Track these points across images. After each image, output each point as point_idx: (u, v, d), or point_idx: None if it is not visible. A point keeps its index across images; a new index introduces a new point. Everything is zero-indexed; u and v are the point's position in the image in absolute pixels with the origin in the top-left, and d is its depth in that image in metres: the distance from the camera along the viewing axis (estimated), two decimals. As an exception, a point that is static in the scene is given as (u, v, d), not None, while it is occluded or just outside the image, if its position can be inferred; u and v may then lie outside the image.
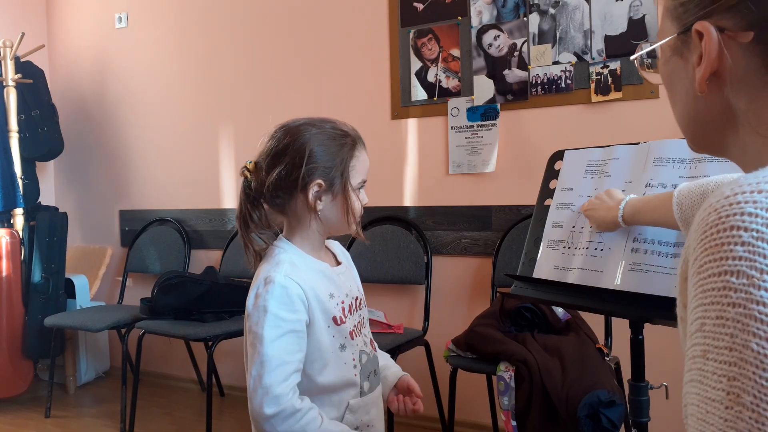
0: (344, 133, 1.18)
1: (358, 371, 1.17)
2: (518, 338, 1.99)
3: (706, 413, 0.49)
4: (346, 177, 1.15)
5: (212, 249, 3.29)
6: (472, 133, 2.61)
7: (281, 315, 1.08)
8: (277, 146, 1.16)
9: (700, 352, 0.50)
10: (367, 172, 1.20)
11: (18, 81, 3.33)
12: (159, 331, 2.66)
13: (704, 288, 0.50)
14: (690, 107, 0.66)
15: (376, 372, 1.24)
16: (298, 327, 1.10)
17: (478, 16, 2.59)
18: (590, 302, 1.32)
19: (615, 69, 2.33)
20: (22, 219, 3.30)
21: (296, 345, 1.09)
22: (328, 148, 1.14)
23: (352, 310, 1.20)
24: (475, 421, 2.61)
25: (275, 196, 1.15)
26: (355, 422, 1.16)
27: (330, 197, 1.15)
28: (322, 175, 1.13)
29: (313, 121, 1.19)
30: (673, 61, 0.66)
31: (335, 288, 1.18)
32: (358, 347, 1.19)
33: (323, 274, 1.18)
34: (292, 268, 1.12)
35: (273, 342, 1.07)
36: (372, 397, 1.21)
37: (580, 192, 1.44)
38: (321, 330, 1.13)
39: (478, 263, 2.63)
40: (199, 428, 2.71)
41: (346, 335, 1.16)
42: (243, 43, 3.18)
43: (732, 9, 0.58)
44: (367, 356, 1.21)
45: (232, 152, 3.24)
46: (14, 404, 3.17)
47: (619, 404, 1.72)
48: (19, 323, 3.18)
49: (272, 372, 1.06)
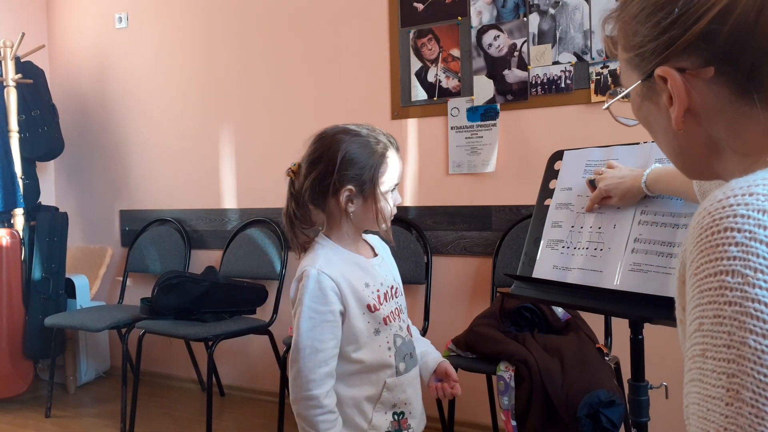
0: (376, 141, 1.27)
1: (393, 353, 1.28)
2: (518, 338, 1.99)
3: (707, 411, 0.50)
4: (375, 182, 1.25)
5: (212, 249, 3.29)
6: (472, 133, 2.61)
7: (314, 307, 1.21)
8: (313, 153, 1.28)
9: (700, 351, 0.52)
10: (399, 176, 1.31)
11: (18, 81, 3.33)
12: (159, 331, 2.66)
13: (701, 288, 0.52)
14: (673, 144, 0.68)
15: (412, 355, 1.34)
16: (331, 317, 1.22)
17: (478, 16, 2.59)
18: (590, 302, 1.32)
19: (615, 69, 2.33)
20: (23, 219, 3.30)
21: (329, 333, 1.22)
22: (359, 156, 1.25)
23: (388, 298, 1.31)
24: (475, 421, 2.61)
25: (313, 198, 1.28)
26: (393, 400, 1.28)
27: (361, 201, 1.26)
28: (352, 182, 1.24)
29: (348, 129, 1.29)
30: (645, 106, 0.69)
31: (370, 278, 1.29)
32: (393, 331, 1.29)
33: (359, 265, 1.29)
34: (326, 263, 1.24)
35: (307, 332, 1.20)
36: (408, 377, 1.31)
37: (580, 192, 1.44)
38: (356, 317, 1.24)
39: (478, 263, 2.63)
40: (200, 428, 2.71)
41: (380, 321, 1.27)
42: (243, 43, 3.18)
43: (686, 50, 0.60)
44: (402, 340, 1.31)
45: (232, 152, 3.24)
46: (14, 404, 3.17)
47: (619, 404, 1.72)
48: (20, 323, 3.18)
49: (306, 359, 1.20)
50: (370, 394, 1.26)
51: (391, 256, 1.44)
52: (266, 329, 2.81)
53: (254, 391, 3.21)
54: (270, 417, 2.86)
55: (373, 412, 1.26)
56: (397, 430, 1.29)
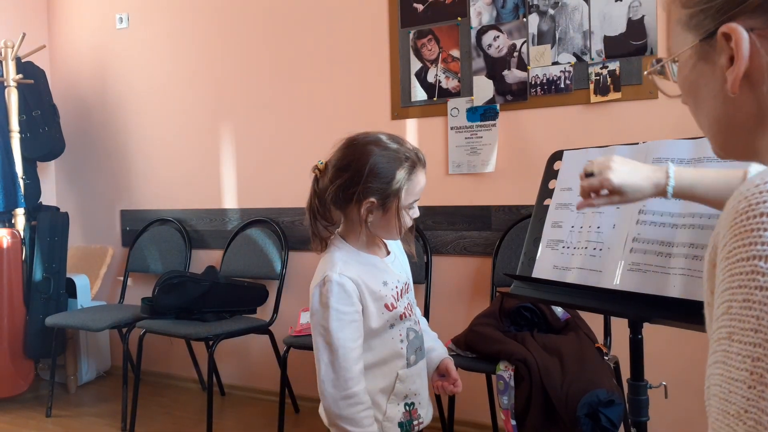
0: (406, 157, 1.31)
1: (405, 346, 1.34)
2: (518, 338, 2.00)
3: (729, 393, 0.50)
4: (399, 197, 1.29)
5: (213, 249, 3.29)
6: (472, 133, 2.61)
7: (342, 309, 1.26)
8: (342, 160, 1.30)
9: (726, 334, 0.52)
10: (421, 192, 1.35)
11: (19, 81, 3.34)
12: (160, 331, 2.67)
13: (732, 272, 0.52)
14: (719, 111, 0.65)
15: (421, 348, 1.39)
16: (357, 317, 1.28)
17: (477, 16, 2.59)
18: (589, 302, 1.32)
19: (614, 69, 2.34)
20: (24, 219, 3.31)
21: (357, 332, 1.27)
22: (386, 171, 1.28)
23: (402, 295, 1.36)
24: (475, 421, 2.62)
25: (336, 201, 1.31)
26: (405, 390, 1.33)
27: (381, 213, 1.30)
28: (376, 195, 1.27)
29: (379, 140, 1.31)
30: (699, 68, 0.66)
31: (388, 276, 1.35)
32: (406, 326, 1.35)
33: (375, 266, 1.35)
34: (345, 266, 1.29)
35: (339, 332, 1.25)
36: (417, 368, 1.37)
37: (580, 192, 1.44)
38: (373, 315, 1.29)
39: (478, 263, 2.64)
40: (200, 428, 2.72)
41: (397, 317, 1.33)
42: (244, 44, 3.19)
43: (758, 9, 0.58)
44: (414, 333, 1.37)
45: (233, 152, 3.24)
46: (15, 404, 3.18)
47: (619, 403, 1.72)
48: (21, 323, 3.18)
49: (342, 358, 1.24)
50: (383, 386, 1.31)
51: (402, 251, 1.48)
52: (266, 329, 2.81)
53: (255, 390, 3.22)
54: (270, 416, 2.86)
55: (387, 404, 1.31)
56: (409, 420, 1.34)
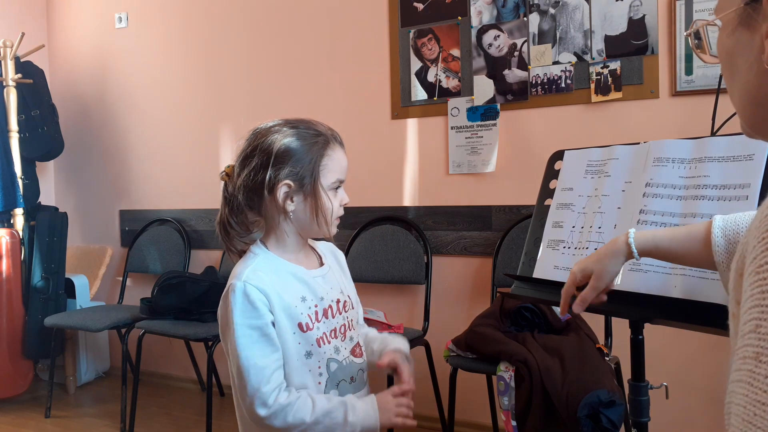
0: (316, 133, 1.16)
1: (324, 379, 1.15)
2: (518, 338, 1.99)
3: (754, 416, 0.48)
4: (316, 177, 1.13)
5: (212, 249, 3.29)
6: (472, 133, 2.61)
7: (247, 323, 1.09)
8: (246, 148, 1.16)
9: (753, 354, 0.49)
10: (343, 172, 1.18)
11: (18, 81, 3.33)
12: (159, 331, 2.66)
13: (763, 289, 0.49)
14: (752, 84, 0.61)
15: (353, 379, 1.20)
16: (267, 330, 1.10)
17: (478, 16, 2.59)
18: (590, 302, 1.32)
19: (615, 69, 2.33)
20: (22, 219, 3.30)
21: (269, 347, 1.10)
22: (297, 148, 1.13)
23: (330, 314, 1.18)
24: (475, 421, 2.61)
25: (248, 199, 1.15)
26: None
27: (301, 197, 1.14)
28: (290, 176, 1.12)
29: (285, 122, 1.18)
30: (738, 34, 0.63)
31: (308, 291, 1.16)
32: (326, 355, 1.16)
33: (295, 277, 1.16)
34: (254, 273, 1.12)
35: (246, 349, 1.08)
36: None
37: (580, 192, 1.44)
38: (287, 334, 1.12)
39: (478, 263, 2.63)
40: (199, 428, 2.71)
41: (313, 342, 1.14)
42: (243, 43, 3.18)
43: None
44: (337, 364, 1.17)
45: (232, 152, 3.24)
46: (14, 404, 3.17)
47: (619, 404, 1.71)
48: (19, 323, 3.18)
49: (252, 378, 1.08)
50: None
51: (344, 265, 1.32)
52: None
53: (254, 391, 3.21)
54: (270, 417, 2.85)
55: None
56: None
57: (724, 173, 1.21)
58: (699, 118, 2.15)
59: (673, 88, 2.25)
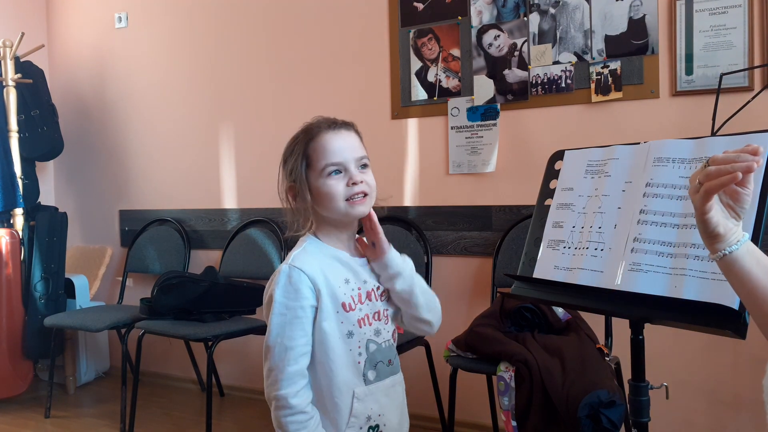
0: (303, 129, 1.25)
1: (363, 359, 1.20)
2: (518, 338, 1.99)
3: None
4: (303, 166, 1.21)
5: (212, 249, 3.29)
6: (472, 133, 2.61)
7: (286, 303, 1.16)
8: None
9: None
10: (332, 155, 1.19)
11: (18, 81, 3.33)
12: (159, 331, 2.66)
13: None
14: None
15: (391, 362, 1.25)
16: (302, 313, 1.16)
17: (478, 15, 2.58)
18: (590, 302, 1.32)
19: (615, 69, 2.33)
20: (22, 219, 3.30)
21: (300, 330, 1.16)
22: (287, 150, 1.25)
23: (372, 298, 1.24)
24: (475, 421, 2.61)
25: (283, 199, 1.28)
26: (365, 411, 1.19)
27: (305, 190, 1.21)
28: (289, 177, 1.23)
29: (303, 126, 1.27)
30: None
31: (351, 274, 1.23)
32: (366, 336, 1.21)
33: (339, 261, 1.23)
34: (300, 257, 1.20)
35: (278, 329, 1.16)
36: (380, 386, 1.22)
37: (581, 192, 1.43)
38: (330, 313, 1.17)
39: (478, 263, 2.63)
40: (199, 428, 2.71)
41: (354, 323, 1.19)
42: (243, 43, 3.18)
43: None
44: (376, 346, 1.22)
45: (232, 152, 3.24)
46: (14, 404, 3.17)
47: (620, 404, 1.71)
48: (19, 323, 3.17)
49: (276, 357, 1.15)
50: (341, 405, 1.17)
51: None
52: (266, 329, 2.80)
53: (254, 391, 3.21)
54: (269, 417, 2.85)
55: (345, 428, 1.17)
56: None
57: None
58: (699, 118, 2.15)
59: (674, 88, 2.25)
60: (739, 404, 2.22)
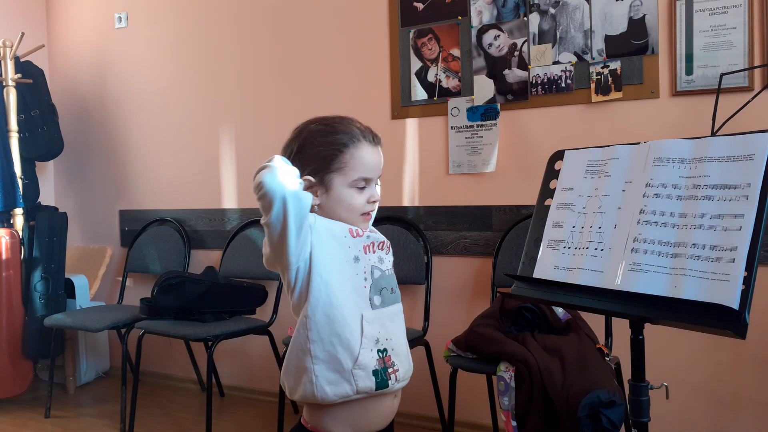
0: (344, 130, 1.22)
1: (369, 284, 1.22)
2: (518, 338, 1.99)
3: None
4: (333, 171, 1.20)
5: (212, 249, 3.29)
6: (472, 133, 2.61)
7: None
8: (286, 143, 1.25)
9: None
10: (369, 170, 1.25)
11: (18, 81, 3.33)
12: (159, 331, 2.66)
13: None
14: None
15: (393, 290, 1.27)
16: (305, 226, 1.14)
17: (478, 15, 2.58)
18: (590, 302, 1.32)
19: (615, 69, 2.33)
20: (22, 219, 3.30)
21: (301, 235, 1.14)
22: (319, 143, 1.20)
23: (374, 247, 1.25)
24: (475, 421, 2.61)
25: None
26: (374, 334, 1.20)
27: (324, 191, 1.21)
28: (308, 168, 1.19)
29: (320, 118, 1.24)
30: None
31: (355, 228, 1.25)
32: (371, 262, 1.24)
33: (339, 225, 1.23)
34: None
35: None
36: (386, 312, 1.24)
37: (581, 192, 1.44)
38: (339, 238, 1.20)
39: (478, 263, 2.63)
40: (199, 428, 2.71)
41: (360, 248, 1.22)
42: (243, 43, 3.18)
43: None
44: (380, 272, 1.25)
45: (232, 152, 3.24)
46: (14, 404, 3.17)
47: (620, 404, 1.71)
48: (19, 323, 3.17)
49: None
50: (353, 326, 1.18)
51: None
52: (266, 329, 2.81)
53: (254, 391, 3.21)
54: (270, 417, 2.86)
55: (360, 349, 1.17)
56: (383, 367, 1.19)
57: (725, 173, 1.21)
58: (699, 118, 2.15)
59: (674, 88, 2.25)
60: (739, 404, 2.22)
